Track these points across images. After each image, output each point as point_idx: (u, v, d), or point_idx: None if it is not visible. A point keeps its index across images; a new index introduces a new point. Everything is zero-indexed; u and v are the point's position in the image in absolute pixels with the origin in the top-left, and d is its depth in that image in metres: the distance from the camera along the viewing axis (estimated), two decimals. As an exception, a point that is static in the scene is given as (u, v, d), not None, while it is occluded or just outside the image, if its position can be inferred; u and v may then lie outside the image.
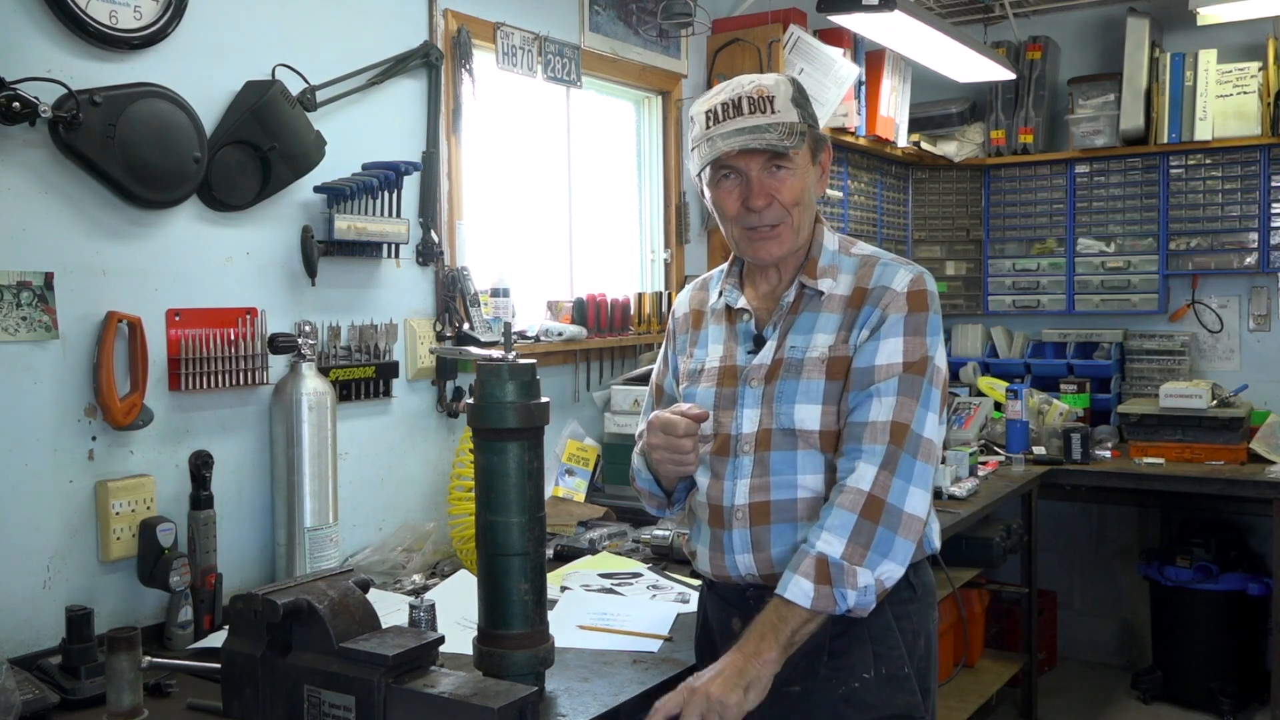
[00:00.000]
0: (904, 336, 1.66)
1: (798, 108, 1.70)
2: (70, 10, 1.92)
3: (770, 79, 1.72)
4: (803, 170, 1.71)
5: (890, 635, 1.69)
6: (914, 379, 1.65)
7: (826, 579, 1.56)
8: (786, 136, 1.66)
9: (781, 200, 1.70)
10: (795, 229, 1.72)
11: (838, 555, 1.56)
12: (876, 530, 1.58)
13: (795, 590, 1.56)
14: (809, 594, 1.56)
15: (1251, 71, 4.22)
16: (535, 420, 1.62)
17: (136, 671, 1.56)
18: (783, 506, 1.69)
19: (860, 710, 1.66)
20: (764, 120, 1.67)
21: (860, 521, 1.58)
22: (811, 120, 1.73)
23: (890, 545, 1.58)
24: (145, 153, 2.01)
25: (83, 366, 1.98)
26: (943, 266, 4.96)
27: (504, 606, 1.63)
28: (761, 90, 1.69)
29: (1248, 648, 4.18)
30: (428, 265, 2.69)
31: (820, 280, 1.73)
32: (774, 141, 1.66)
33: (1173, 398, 3.98)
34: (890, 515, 1.59)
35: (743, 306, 1.79)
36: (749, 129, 1.66)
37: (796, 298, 1.74)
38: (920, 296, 1.70)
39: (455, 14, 2.75)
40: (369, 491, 2.55)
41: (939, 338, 1.71)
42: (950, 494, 3.36)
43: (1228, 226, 4.39)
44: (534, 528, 1.63)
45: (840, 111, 3.85)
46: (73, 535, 1.98)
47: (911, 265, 1.74)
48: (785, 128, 1.67)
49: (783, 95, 1.69)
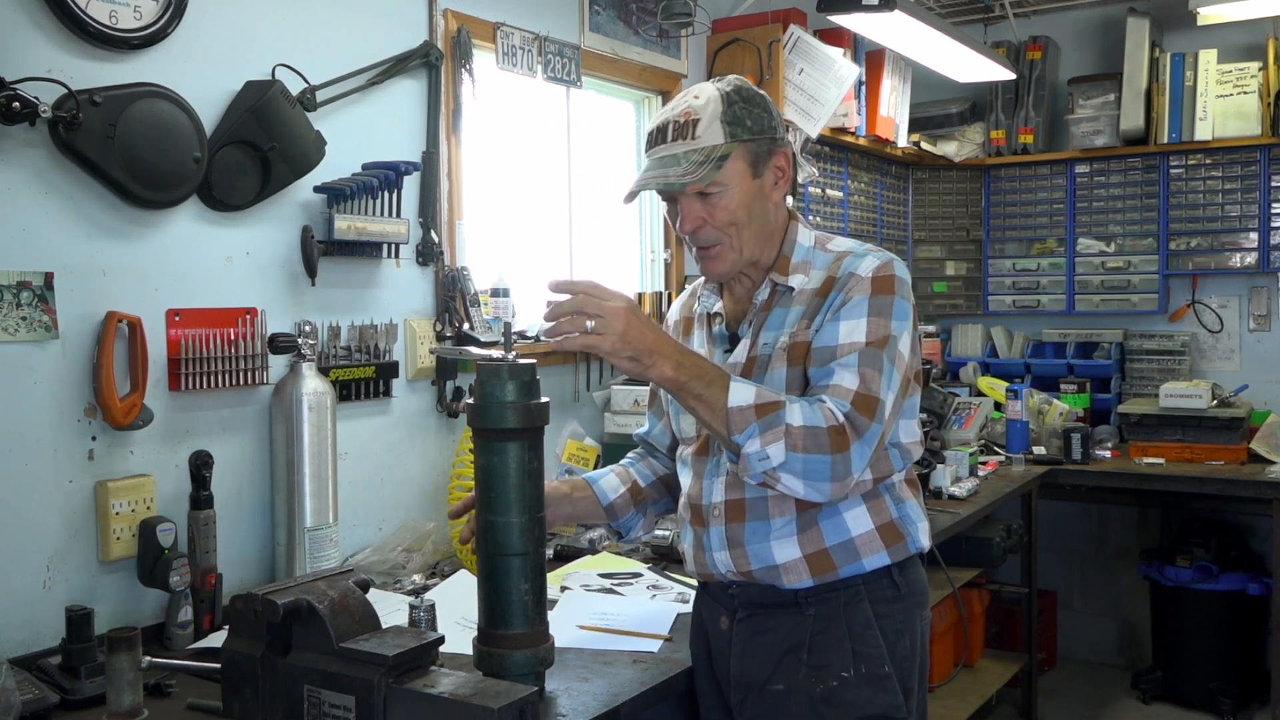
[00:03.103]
0: (867, 317, 1.63)
1: (729, 125, 1.66)
2: (70, 10, 1.92)
3: (703, 97, 1.69)
4: (736, 189, 1.68)
5: (870, 633, 1.68)
6: (875, 353, 1.61)
7: (764, 416, 1.53)
8: (696, 168, 1.64)
9: (713, 224, 1.69)
10: (736, 247, 1.71)
11: (790, 420, 1.54)
12: (824, 455, 1.54)
13: (743, 391, 1.55)
14: (743, 401, 1.53)
15: (1251, 71, 4.22)
16: (535, 420, 1.62)
17: (136, 671, 1.56)
18: (755, 504, 1.70)
19: (839, 709, 1.66)
20: (681, 149, 1.66)
21: (820, 434, 1.54)
22: (753, 132, 1.68)
23: (816, 475, 1.54)
24: (145, 153, 2.01)
25: (83, 366, 1.98)
26: (943, 266, 4.97)
27: (504, 606, 1.62)
28: (689, 113, 1.67)
29: (1248, 648, 4.18)
30: (428, 265, 2.69)
31: (792, 276, 1.73)
32: (672, 181, 1.64)
33: (1173, 398, 3.98)
34: (842, 461, 1.54)
35: (716, 311, 1.82)
36: (666, 159, 1.66)
37: (770, 295, 1.75)
38: (886, 280, 1.66)
39: (455, 14, 2.75)
40: (369, 491, 2.55)
41: (905, 323, 1.66)
42: (950, 494, 3.36)
43: (1228, 226, 4.39)
44: (534, 528, 1.63)
45: (840, 111, 3.85)
46: (73, 535, 1.98)
47: (882, 253, 1.72)
48: (700, 154, 1.64)
49: (709, 115, 1.66)
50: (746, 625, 1.74)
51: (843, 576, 1.68)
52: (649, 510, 1.97)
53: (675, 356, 1.56)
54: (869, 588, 1.70)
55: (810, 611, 1.69)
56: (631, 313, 1.54)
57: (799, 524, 1.68)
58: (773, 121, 1.72)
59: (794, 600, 1.70)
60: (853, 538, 1.68)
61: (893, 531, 1.71)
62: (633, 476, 1.98)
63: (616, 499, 1.90)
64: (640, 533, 1.96)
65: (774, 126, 1.71)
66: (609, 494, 1.91)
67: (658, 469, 2.02)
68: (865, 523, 1.69)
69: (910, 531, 1.74)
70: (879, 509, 1.71)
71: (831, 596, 1.69)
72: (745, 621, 1.74)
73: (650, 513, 1.98)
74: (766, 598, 1.72)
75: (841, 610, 1.68)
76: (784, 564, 1.68)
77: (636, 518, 1.93)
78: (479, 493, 1.65)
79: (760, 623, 1.73)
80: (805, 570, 1.68)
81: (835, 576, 1.68)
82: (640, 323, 1.54)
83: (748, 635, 1.73)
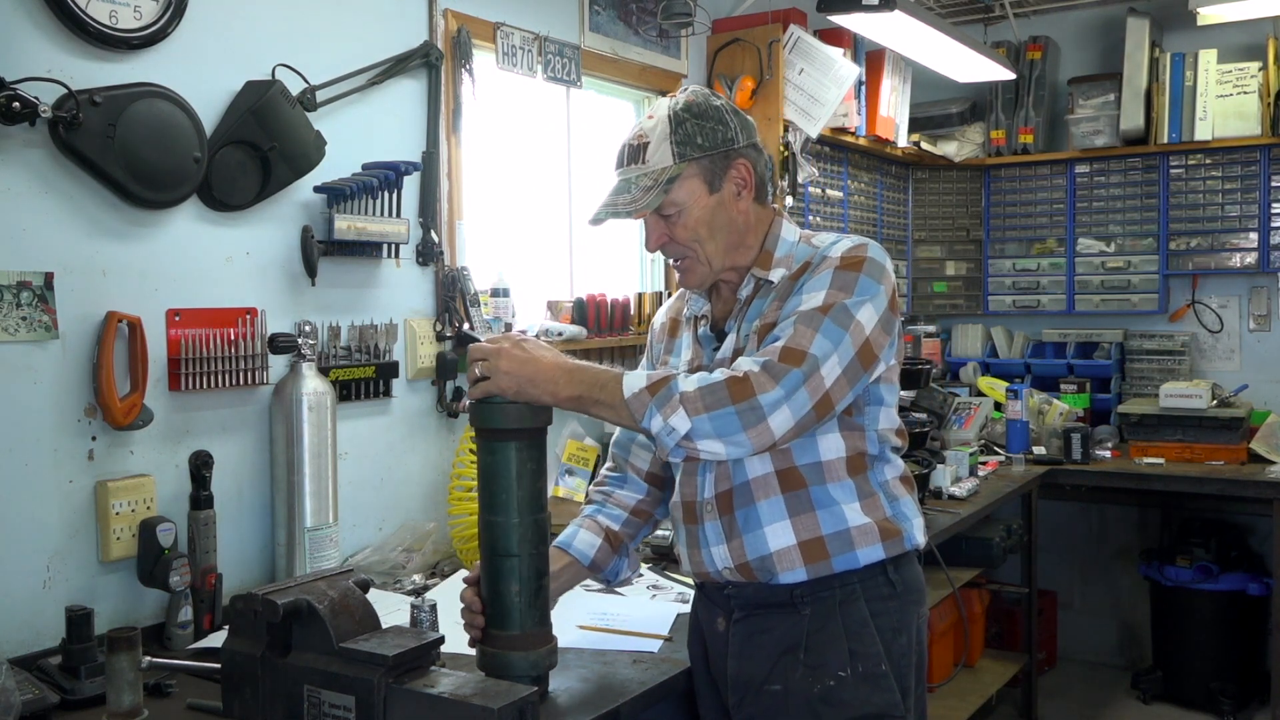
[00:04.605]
0: (827, 289, 1.63)
1: (678, 145, 1.68)
2: (70, 10, 1.92)
3: (656, 117, 1.72)
4: (693, 206, 1.70)
5: (867, 632, 1.68)
6: (817, 315, 1.60)
7: (657, 394, 1.56)
8: (645, 193, 1.67)
9: (676, 240, 1.73)
10: (704, 259, 1.74)
11: (682, 389, 1.55)
12: (727, 408, 1.53)
13: (635, 379, 1.58)
14: (636, 388, 1.57)
15: (1251, 71, 4.22)
16: (537, 420, 1.62)
17: (136, 671, 1.56)
18: (740, 490, 1.71)
19: (836, 708, 1.66)
20: (634, 174, 1.71)
21: (721, 389, 1.54)
22: (704, 149, 1.69)
23: (726, 429, 1.54)
24: (145, 153, 2.01)
25: (83, 366, 1.98)
26: (943, 266, 4.97)
27: (499, 607, 1.63)
28: (641, 135, 1.72)
29: (1248, 648, 4.18)
30: (428, 265, 2.69)
31: (774, 270, 1.75)
32: (621, 209, 1.68)
33: (1173, 398, 3.98)
34: (749, 409, 1.53)
35: (703, 314, 1.84)
36: (619, 186, 1.71)
37: (753, 290, 1.77)
38: (855, 260, 1.66)
39: (455, 14, 2.75)
40: (369, 491, 2.55)
41: (866, 298, 1.63)
42: (950, 494, 3.36)
43: (1228, 226, 4.39)
44: (532, 529, 1.63)
45: (840, 111, 3.85)
46: (73, 535, 1.98)
47: (858, 237, 1.73)
48: (649, 179, 1.68)
49: (658, 137, 1.69)
50: (743, 626, 1.74)
51: (836, 570, 1.68)
52: (629, 551, 1.94)
53: (566, 375, 1.59)
54: (864, 586, 1.70)
55: (806, 611, 1.69)
56: (514, 348, 1.59)
57: (789, 507, 1.68)
58: (729, 133, 1.72)
59: (790, 599, 1.70)
60: (849, 528, 1.68)
61: (888, 526, 1.72)
62: (605, 524, 1.91)
63: (597, 555, 1.87)
64: (628, 573, 1.94)
65: (730, 139, 1.72)
66: (588, 553, 1.87)
67: (626, 502, 1.95)
68: (860, 516, 1.70)
69: (905, 528, 1.74)
70: (873, 505, 1.72)
71: (827, 595, 1.69)
72: (742, 622, 1.74)
73: (632, 553, 1.95)
74: (762, 597, 1.72)
75: (837, 609, 1.68)
76: (777, 551, 1.68)
77: (620, 562, 1.91)
78: (480, 492, 1.65)
79: (757, 623, 1.73)
80: (799, 558, 1.67)
81: (829, 569, 1.68)
82: (523, 355, 1.59)
83: (744, 636, 1.74)
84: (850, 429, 1.71)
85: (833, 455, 1.69)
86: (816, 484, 1.69)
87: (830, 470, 1.69)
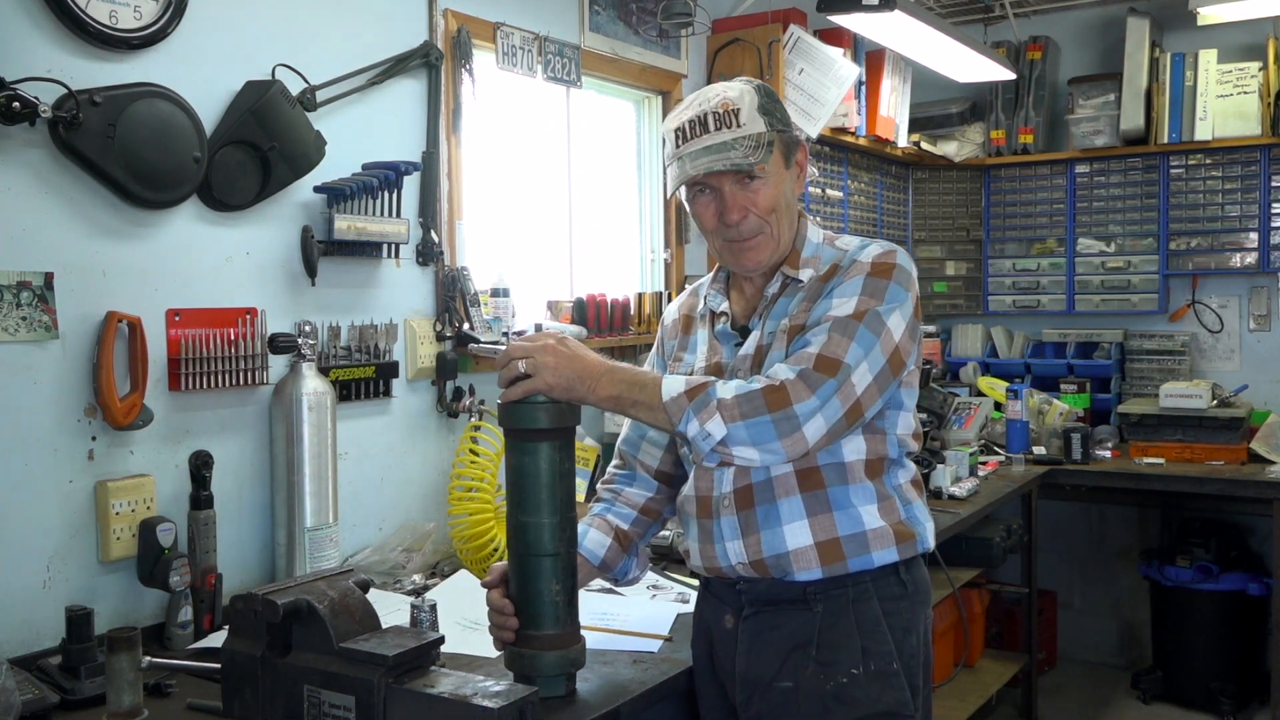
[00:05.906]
0: (858, 295, 1.66)
1: (765, 115, 1.70)
2: (70, 10, 1.92)
3: (735, 89, 1.72)
4: (776, 178, 1.72)
5: (879, 631, 1.69)
6: (851, 322, 1.63)
7: (695, 399, 1.57)
8: (752, 151, 1.67)
9: (757, 211, 1.72)
10: (775, 236, 1.75)
11: (720, 395, 1.57)
12: (763, 416, 1.56)
13: (675, 383, 1.60)
14: (674, 392, 1.58)
15: (1251, 71, 4.22)
16: (567, 420, 1.63)
17: (136, 671, 1.56)
18: (761, 487, 1.71)
19: (848, 706, 1.67)
20: (729, 136, 1.68)
21: (758, 397, 1.56)
22: (782, 124, 1.73)
23: (762, 437, 1.56)
24: (145, 153, 2.01)
25: (83, 366, 1.98)
26: (943, 266, 4.97)
27: (535, 607, 1.63)
28: (727, 104, 1.70)
29: (1248, 648, 4.18)
30: (428, 265, 2.69)
31: (802, 270, 1.76)
32: (738, 160, 1.67)
33: (1173, 398, 3.98)
34: (785, 419, 1.55)
35: (723, 310, 1.83)
36: (715, 147, 1.68)
37: (780, 288, 1.77)
38: (885, 266, 1.69)
39: (455, 14, 2.75)
40: (369, 491, 2.55)
41: (896, 305, 1.67)
42: (950, 494, 3.37)
43: (1228, 226, 4.39)
44: (565, 528, 1.63)
45: (840, 111, 3.85)
46: (73, 535, 1.98)
47: (886, 243, 1.75)
48: (751, 141, 1.68)
49: (748, 106, 1.70)
50: (753, 622, 1.74)
51: (851, 571, 1.69)
52: (638, 549, 1.94)
53: (607, 373, 1.61)
54: (876, 585, 1.70)
55: (818, 608, 1.69)
56: (559, 345, 1.60)
57: (807, 507, 1.68)
58: (790, 119, 1.77)
59: (802, 596, 1.70)
60: (865, 531, 1.69)
61: (903, 530, 1.73)
62: (614, 524, 1.90)
63: (607, 554, 1.86)
64: (636, 572, 1.94)
65: (792, 123, 1.77)
66: (599, 552, 1.86)
67: (636, 500, 1.94)
68: (877, 519, 1.70)
69: (919, 531, 1.75)
70: (890, 509, 1.73)
71: (839, 593, 1.69)
72: (752, 618, 1.74)
73: (641, 551, 1.95)
74: (774, 593, 1.72)
75: (849, 607, 1.69)
76: (795, 550, 1.68)
77: (629, 561, 1.91)
78: (509, 493, 1.65)
79: (767, 619, 1.73)
80: (815, 559, 1.68)
81: (844, 570, 1.68)
82: (569, 352, 1.60)
83: (754, 632, 1.73)
84: (873, 432, 1.72)
85: (854, 457, 1.70)
86: (835, 485, 1.69)
87: (851, 472, 1.70)
